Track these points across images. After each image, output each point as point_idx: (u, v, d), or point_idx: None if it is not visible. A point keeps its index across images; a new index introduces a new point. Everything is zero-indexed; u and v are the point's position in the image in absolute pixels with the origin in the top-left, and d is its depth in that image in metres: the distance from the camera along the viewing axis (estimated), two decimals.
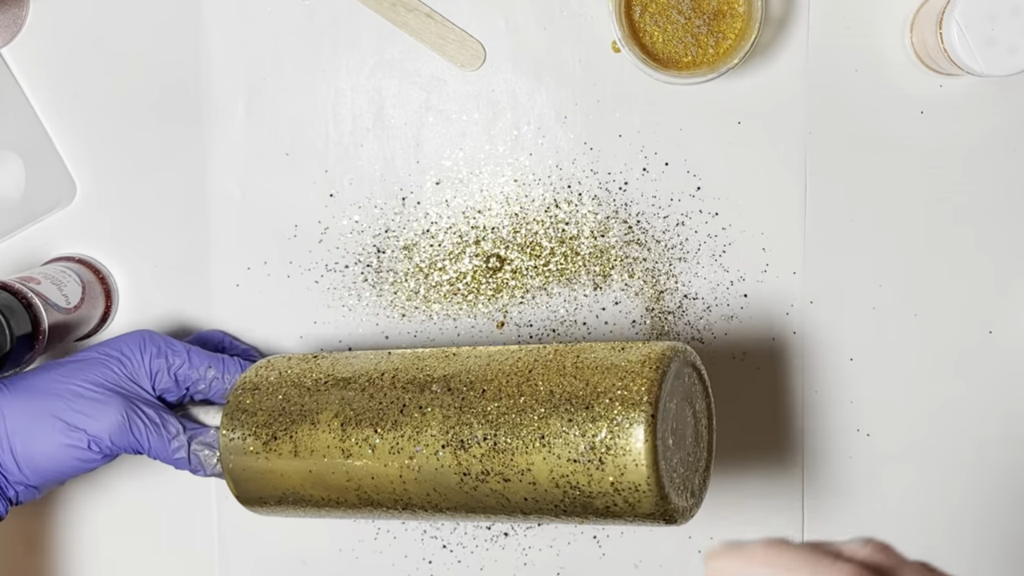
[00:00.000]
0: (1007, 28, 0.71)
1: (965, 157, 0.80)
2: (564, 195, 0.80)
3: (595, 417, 0.61)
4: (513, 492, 0.64)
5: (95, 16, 0.82)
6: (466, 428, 0.64)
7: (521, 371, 0.65)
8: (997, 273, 0.80)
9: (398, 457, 0.66)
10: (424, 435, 0.65)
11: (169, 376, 0.73)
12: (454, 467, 0.64)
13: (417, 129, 0.81)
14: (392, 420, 0.66)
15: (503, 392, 0.65)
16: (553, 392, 0.63)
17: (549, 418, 0.62)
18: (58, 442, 0.69)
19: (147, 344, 0.74)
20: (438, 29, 0.80)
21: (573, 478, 0.62)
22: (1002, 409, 0.81)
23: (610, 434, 0.61)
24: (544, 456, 0.62)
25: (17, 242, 0.83)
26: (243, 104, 0.81)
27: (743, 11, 0.75)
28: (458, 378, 0.66)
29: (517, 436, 0.63)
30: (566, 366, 0.65)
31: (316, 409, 0.68)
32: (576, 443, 0.61)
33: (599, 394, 0.62)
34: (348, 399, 0.68)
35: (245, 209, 0.82)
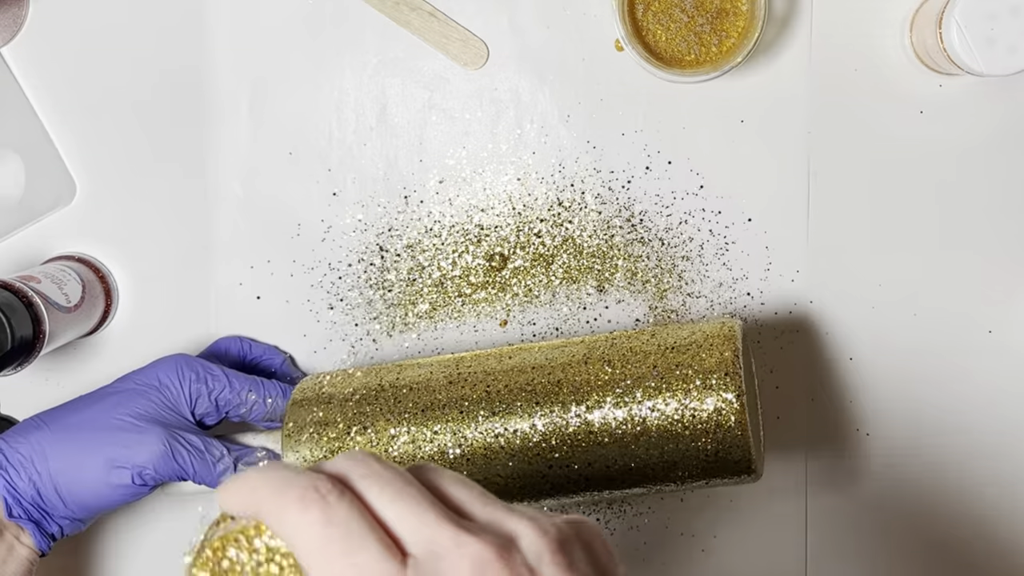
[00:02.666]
0: (1007, 28, 0.72)
1: (965, 157, 0.80)
2: (567, 194, 0.80)
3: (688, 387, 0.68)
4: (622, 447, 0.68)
5: (95, 16, 0.81)
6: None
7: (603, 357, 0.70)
8: (997, 273, 0.81)
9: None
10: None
11: (209, 401, 0.73)
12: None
13: (420, 128, 0.81)
14: (468, 419, 0.69)
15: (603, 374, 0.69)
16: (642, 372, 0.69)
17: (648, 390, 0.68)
18: (102, 478, 0.69)
19: (185, 370, 0.73)
20: (441, 28, 0.80)
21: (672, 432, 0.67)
22: (1002, 409, 0.81)
23: (704, 398, 0.67)
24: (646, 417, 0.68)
25: (17, 241, 0.83)
26: (246, 103, 0.81)
27: (746, 9, 0.75)
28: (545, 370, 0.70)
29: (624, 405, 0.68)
30: (643, 348, 0.70)
31: (385, 415, 0.70)
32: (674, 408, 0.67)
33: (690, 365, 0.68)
34: (408, 407, 0.71)
35: (248, 208, 0.81)
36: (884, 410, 0.81)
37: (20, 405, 0.83)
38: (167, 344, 0.82)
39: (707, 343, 0.69)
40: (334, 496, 0.38)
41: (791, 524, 0.82)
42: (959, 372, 0.81)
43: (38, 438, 0.70)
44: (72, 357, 0.83)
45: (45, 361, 0.83)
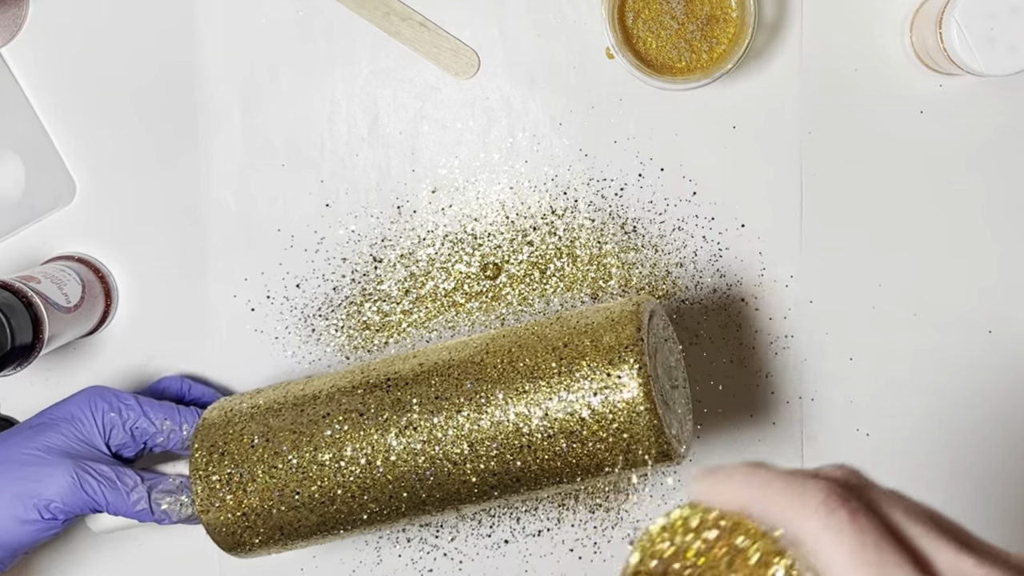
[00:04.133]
0: (1007, 28, 0.71)
1: (965, 157, 0.79)
2: (560, 202, 0.80)
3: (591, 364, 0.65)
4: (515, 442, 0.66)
5: (95, 16, 0.82)
6: (454, 410, 0.67)
7: (501, 350, 0.68)
8: (997, 273, 0.80)
9: (385, 450, 0.67)
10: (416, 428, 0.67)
11: (124, 431, 0.72)
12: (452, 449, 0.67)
13: (412, 138, 0.81)
14: (368, 421, 0.68)
15: (491, 371, 0.67)
16: (537, 361, 0.66)
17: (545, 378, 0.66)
18: (9, 514, 0.68)
19: (98, 402, 0.72)
20: (432, 38, 0.80)
21: (574, 421, 0.65)
22: (1002, 409, 0.81)
23: (609, 377, 0.64)
24: (545, 408, 0.65)
25: (17, 241, 0.83)
26: (238, 114, 0.81)
27: (736, 16, 0.75)
28: (438, 369, 0.69)
29: (518, 400, 0.66)
30: (545, 335, 0.68)
31: (284, 433, 0.69)
32: (575, 393, 0.65)
33: (588, 347, 0.65)
34: (312, 416, 0.69)
35: (241, 219, 0.82)
36: (884, 410, 0.81)
37: (20, 405, 0.84)
38: (166, 345, 0.83)
39: (609, 323, 0.66)
40: (857, 504, 0.37)
41: None
42: (959, 372, 0.81)
43: None
44: (72, 357, 0.84)
45: (45, 361, 0.84)
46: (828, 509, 0.37)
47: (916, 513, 0.39)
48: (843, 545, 0.37)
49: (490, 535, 0.83)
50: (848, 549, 0.36)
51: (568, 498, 0.82)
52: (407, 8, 0.80)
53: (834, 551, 0.37)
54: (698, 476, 0.41)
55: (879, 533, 0.37)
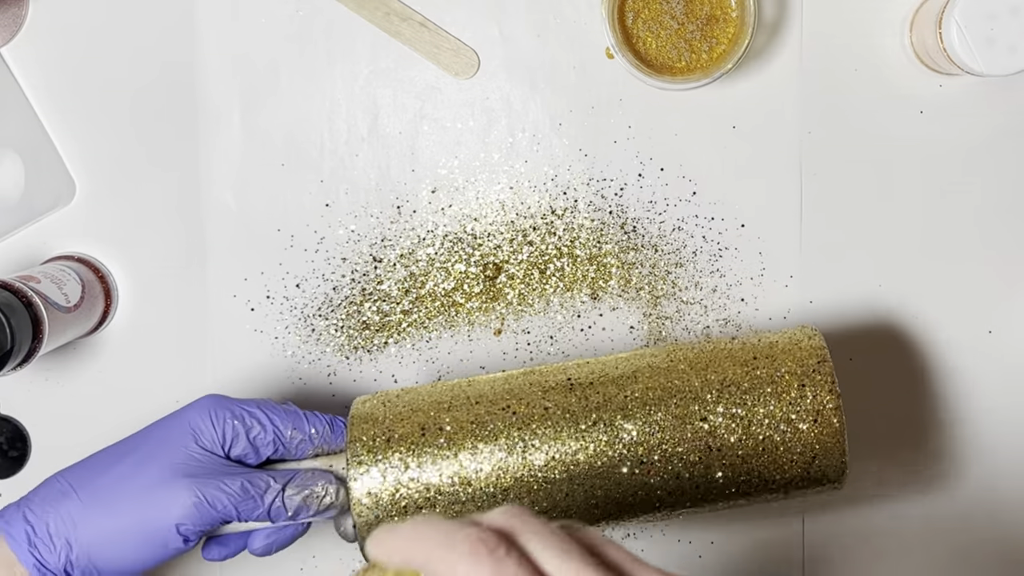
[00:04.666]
0: (1007, 28, 0.71)
1: (965, 157, 0.79)
2: (560, 202, 0.80)
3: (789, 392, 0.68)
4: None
5: (95, 16, 0.82)
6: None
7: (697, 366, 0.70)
8: (997, 273, 0.80)
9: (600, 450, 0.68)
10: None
11: (248, 442, 0.69)
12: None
13: (412, 138, 0.81)
14: (561, 421, 0.68)
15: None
16: (735, 377, 0.69)
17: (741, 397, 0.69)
18: (139, 544, 0.65)
19: (217, 412, 0.69)
20: (432, 38, 0.80)
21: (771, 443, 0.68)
22: (1002, 409, 0.81)
23: (804, 401, 0.68)
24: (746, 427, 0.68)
25: (17, 241, 0.83)
26: (238, 114, 0.81)
27: (736, 16, 0.75)
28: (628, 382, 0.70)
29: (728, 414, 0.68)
30: (735, 355, 0.71)
31: (461, 423, 0.69)
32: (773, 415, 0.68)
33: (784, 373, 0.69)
34: (490, 410, 0.69)
35: (240, 219, 0.82)
36: (884, 410, 0.81)
37: (20, 405, 0.84)
38: (166, 344, 0.83)
39: (795, 349, 0.70)
40: (502, 551, 0.39)
41: (789, 529, 0.82)
42: (959, 372, 0.81)
43: (68, 509, 0.65)
44: (72, 357, 0.84)
45: (45, 361, 0.84)
46: (474, 558, 0.39)
47: (567, 552, 0.40)
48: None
49: None
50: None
51: None
52: (407, 8, 0.80)
53: None
54: (375, 535, 0.43)
55: (520, 571, 0.39)
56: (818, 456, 0.68)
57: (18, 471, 0.84)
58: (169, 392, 0.83)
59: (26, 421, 0.84)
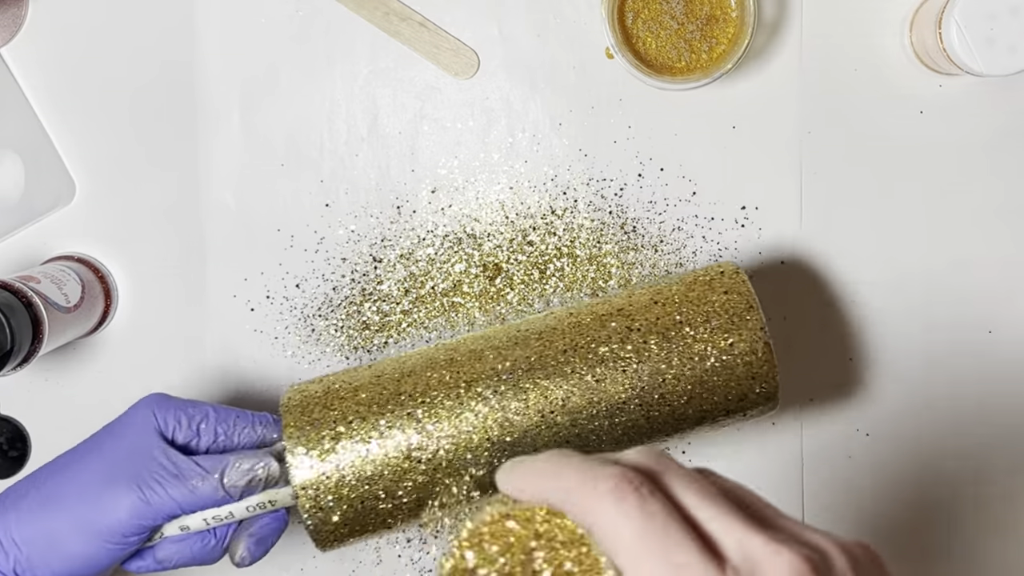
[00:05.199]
0: (1006, 28, 0.71)
1: (965, 157, 0.79)
2: (560, 202, 0.80)
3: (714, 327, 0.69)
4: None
5: (95, 16, 0.82)
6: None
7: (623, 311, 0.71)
8: (997, 273, 0.80)
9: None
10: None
11: (191, 430, 0.68)
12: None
13: (412, 138, 0.81)
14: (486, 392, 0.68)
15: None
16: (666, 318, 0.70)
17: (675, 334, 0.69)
18: (84, 548, 0.63)
19: (157, 407, 0.68)
20: (431, 38, 0.80)
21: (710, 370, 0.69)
22: (1002, 409, 0.81)
23: (735, 335, 0.69)
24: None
25: (17, 241, 0.83)
26: (238, 114, 0.81)
27: (736, 16, 0.75)
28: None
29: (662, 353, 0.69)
30: (660, 299, 0.71)
31: (381, 404, 0.69)
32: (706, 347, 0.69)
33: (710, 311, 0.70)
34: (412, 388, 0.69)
35: (240, 219, 0.82)
36: (884, 410, 0.81)
37: (20, 405, 0.84)
38: (166, 344, 0.83)
39: (717, 283, 0.71)
40: (647, 490, 0.38)
41: None
42: (959, 372, 0.81)
43: (20, 512, 0.64)
44: (72, 357, 0.84)
45: (45, 361, 0.84)
46: (618, 495, 0.38)
47: (711, 494, 0.39)
48: (629, 529, 0.37)
49: None
50: (634, 533, 0.37)
51: None
52: (407, 8, 0.80)
53: (622, 536, 0.37)
54: (505, 468, 0.42)
55: (667, 516, 0.38)
56: (754, 379, 0.69)
57: (18, 471, 0.84)
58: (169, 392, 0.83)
59: (26, 421, 0.84)
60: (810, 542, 0.38)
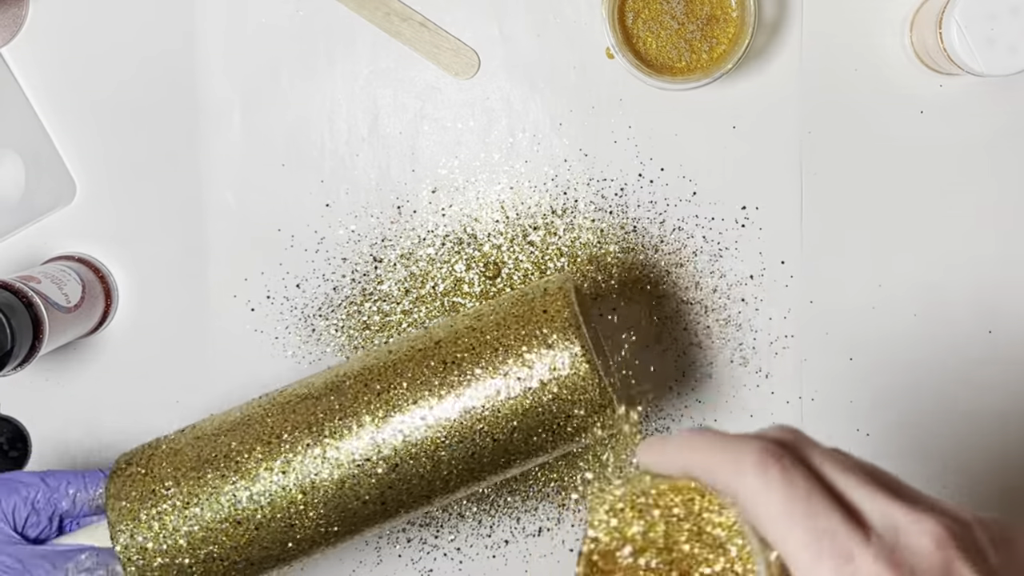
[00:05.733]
0: (1007, 28, 0.71)
1: (965, 157, 0.79)
2: (560, 202, 0.80)
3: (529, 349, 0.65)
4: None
5: (95, 16, 0.82)
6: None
7: (427, 354, 0.68)
8: (997, 273, 0.80)
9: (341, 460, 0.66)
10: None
11: (27, 507, 0.66)
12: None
13: (412, 138, 0.81)
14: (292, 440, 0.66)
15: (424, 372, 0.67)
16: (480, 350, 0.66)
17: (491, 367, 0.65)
18: None
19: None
20: (432, 38, 0.80)
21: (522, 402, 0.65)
22: (1002, 409, 0.81)
23: (549, 354, 0.65)
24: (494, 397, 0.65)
25: (17, 241, 0.84)
26: (238, 114, 0.81)
27: (736, 16, 0.75)
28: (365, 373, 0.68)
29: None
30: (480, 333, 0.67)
31: (198, 470, 0.66)
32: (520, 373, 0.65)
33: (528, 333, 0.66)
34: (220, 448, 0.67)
35: (241, 219, 0.82)
36: (884, 410, 0.81)
37: (20, 405, 0.84)
38: (166, 344, 0.83)
39: (538, 303, 0.67)
40: (789, 460, 0.40)
41: None
42: (959, 372, 0.81)
43: None
44: (72, 357, 0.84)
45: (45, 361, 0.84)
46: (761, 467, 0.39)
47: (850, 467, 0.41)
48: (775, 498, 0.39)
49: (490, 535, 0.83)
50: (780, 501, 0.39)
51: (568, 498, 0.82)
52: (407, 8, 0.80)
53: (767, 505, 0.39)
54: (646, 445, 0.43)
55: (810, 486, 0.39)
56: (574, 392, 0.65)
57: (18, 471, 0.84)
58: (169, 392, 0.83)
59: (26, 421, 0.84)
60: (949, 511, 0.40)
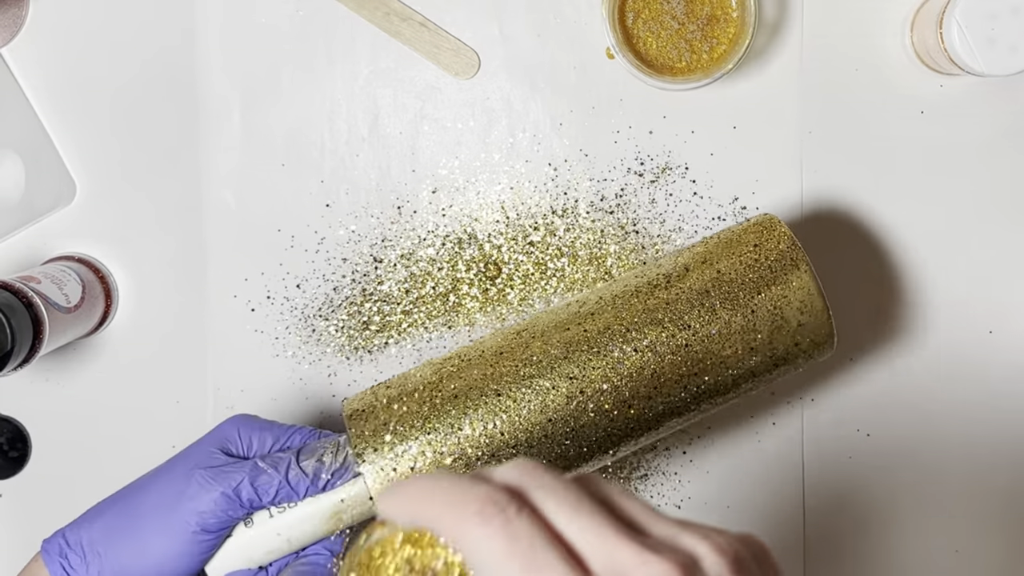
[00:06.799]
0: (1007, 28, 0.71)
1: (965, 157, 0.79)
2: (561, 202, 0.80)
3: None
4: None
5: (95, 16, 0.82)
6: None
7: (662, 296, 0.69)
8: (997, 273, 0.80)
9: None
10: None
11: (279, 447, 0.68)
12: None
13: (412, 138, 0.81)
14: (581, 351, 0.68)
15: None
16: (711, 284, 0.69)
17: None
18: (161, 546, 0.63)
19: (245, 425, 0.68)
20: (432, 38, 0.80)
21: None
22: (1002, 409, 0.81)
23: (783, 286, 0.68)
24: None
25: (17, 241, 0.84)
26: (238, 114, 0.81)
27: (737, 16, 0.75)
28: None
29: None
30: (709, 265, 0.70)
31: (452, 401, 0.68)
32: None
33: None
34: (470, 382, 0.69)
35: (240, 219, 0.82)
36: (884, 410, 0.81)
37: (20, 405, 0.84)
38: (166, 344, 0.83)
39: (753, 236, 0.70)
40: (513, 510, 0.38)
41: (790, 526, 0.82)
42: (959, 372, 0.81)
43: (103, 522, 0.64)
44: (72, 357, 0.84)
45: (45, 361, 0.84)
46: (483, 518, 0.38)
47: (582, 507, 0.39)
48: (496, 551, 0.37)
49: None
50: (501, 555, 0.37)
51: None
52: (407, 8, 0.80)
53: (489, 555, 0.37)
54: (385, 493, 0.42)
55: (533, 536, 0.37)
56: (806, 323, 0.68)
57: (18, 471, 0.84)
58: (169, 392, 0.83)
59: (26, 421, 0.84)
60: (682, 548, 0.38)
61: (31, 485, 0.84)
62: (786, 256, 0.69)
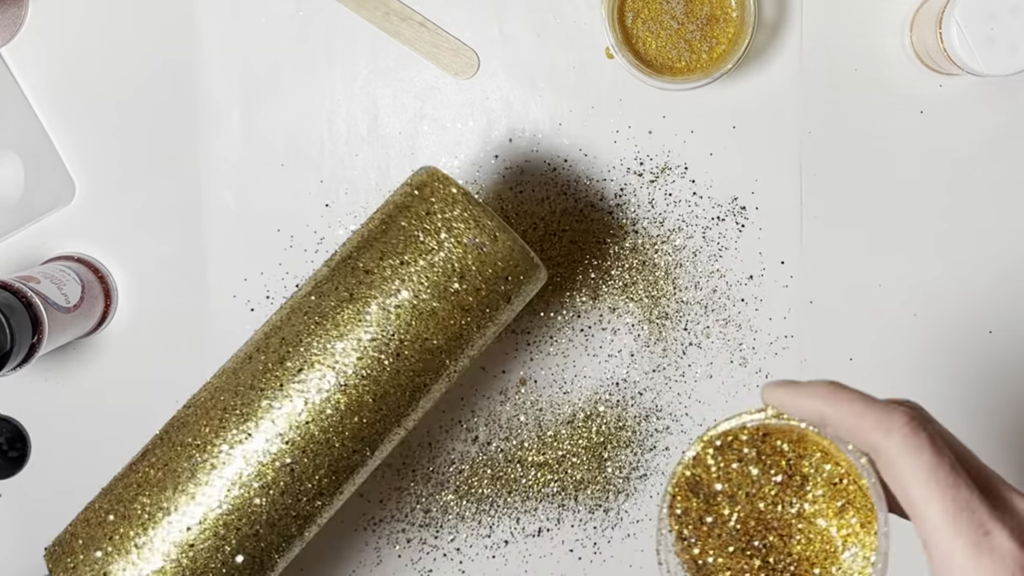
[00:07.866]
0: (1007, 28, 0.71)
1: (965, 157, 0.79)
2: (560, 202, 0.80)
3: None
4: None
5: (95, 16, 0.82)
6: None
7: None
8: (997, 273, 0.80)
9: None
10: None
11: None
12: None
13: (412, 138, 0.81)
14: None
15: None
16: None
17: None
18: None
19: None
20: (431, 38, 0.80)
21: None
22: (1002, 409, 0.81)
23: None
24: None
25: (17, 241, 0.84)
26: (238, 114, 0.81)
27: (736, 16, 0.75)
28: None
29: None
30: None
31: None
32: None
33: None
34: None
35: (240, 219, 0.82)
36: None
37: (20, 405, 0.84)
38: (166, 344, 0.83)
39: (417, 199, 0.68)
40: (934, 431, 0.43)
41: None
42: (959, 372, 0.81)
43: None
44: (72, 357, 0.84)
45: (45, 361, 0.84)
46: (912, 430, 0.42)
47: (967, 451, 0.45)
48: (922, 463, 0.42)
49: (490, 535, 0.83)
50: (927, 467, 0.42)
51: (568, 498, 0.82)
52: (407, 8, 0.80)
53: (915, 469, 0.42)
54: (775, 385, 0.46)
55: (954, 458, 0.42)
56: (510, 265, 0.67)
57: (18, 471, 0.84)
58: (169, 392, 0.83)
59: (26, 421, 0.84)
60: None
61: (31, 485, 0.84)
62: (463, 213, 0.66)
